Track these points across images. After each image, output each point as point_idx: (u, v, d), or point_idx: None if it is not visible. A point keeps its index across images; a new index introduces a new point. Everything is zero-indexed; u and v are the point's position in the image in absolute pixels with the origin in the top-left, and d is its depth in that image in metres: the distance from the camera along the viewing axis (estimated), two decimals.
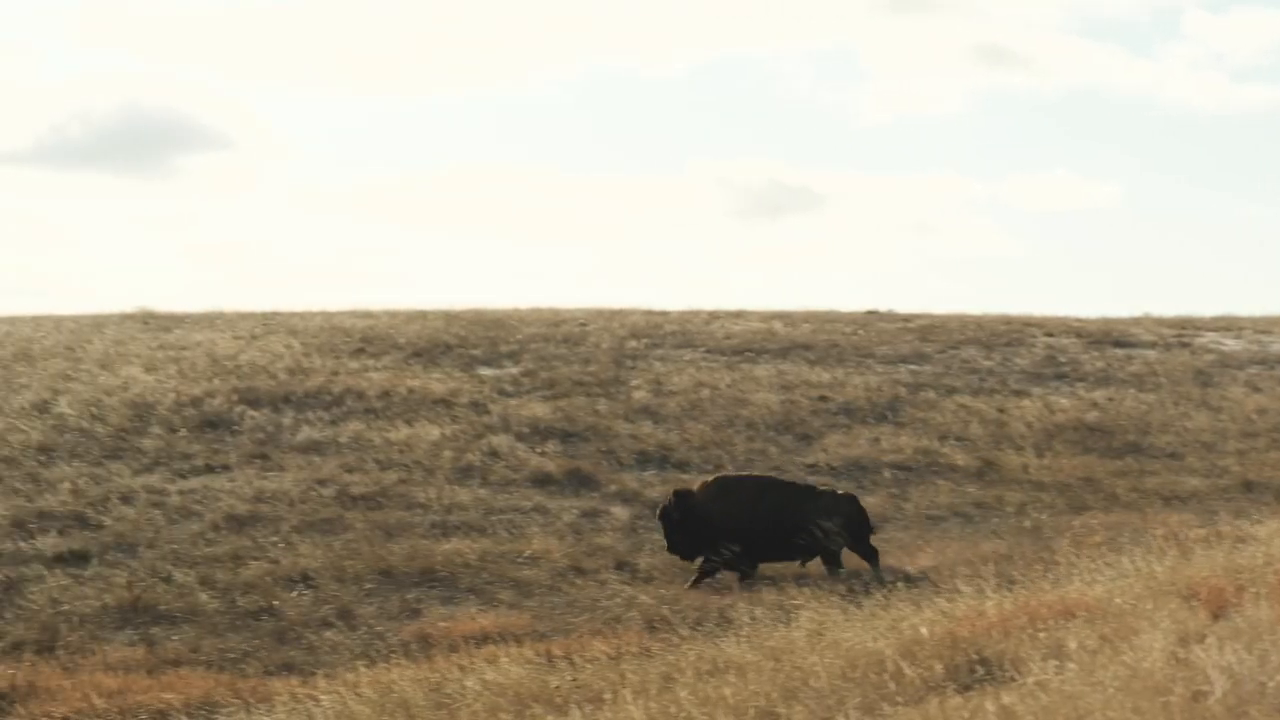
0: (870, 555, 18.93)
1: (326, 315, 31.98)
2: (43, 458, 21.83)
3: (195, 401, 24.63)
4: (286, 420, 24.09)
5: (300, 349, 28.13)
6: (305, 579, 18.19)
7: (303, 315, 31.98)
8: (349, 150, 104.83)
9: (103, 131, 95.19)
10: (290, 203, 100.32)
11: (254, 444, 23.09)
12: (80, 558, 18.31)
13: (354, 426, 24.07)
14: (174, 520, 19.91)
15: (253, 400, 24.95)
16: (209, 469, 22.03)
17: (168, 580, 17.75)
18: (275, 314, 32.16)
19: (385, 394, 25.59)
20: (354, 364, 27.45)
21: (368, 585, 18.25)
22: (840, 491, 19.99)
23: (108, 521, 19.57)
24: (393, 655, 15.69)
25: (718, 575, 18.96)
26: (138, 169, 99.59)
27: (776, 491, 19.62)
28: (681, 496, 19.29)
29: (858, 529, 19.03)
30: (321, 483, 21.61)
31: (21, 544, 18.51)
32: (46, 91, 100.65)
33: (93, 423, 23.41)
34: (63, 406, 23.98)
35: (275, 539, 19.44)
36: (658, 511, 19.68)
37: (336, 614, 17.30)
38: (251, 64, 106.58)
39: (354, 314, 32.12)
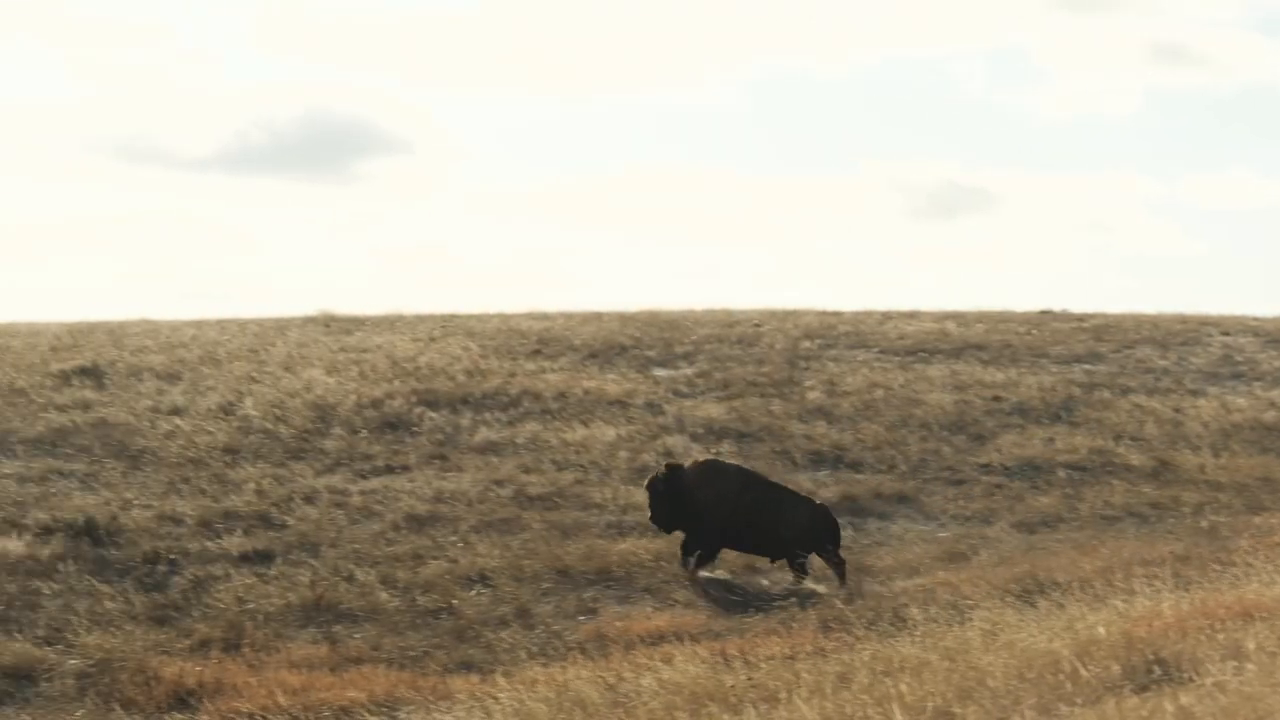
0: (837, 565, 19.24)
1: (503, 317, 32.31)
2: (228, 459, 22.26)
3: (375, 403, 25.02)
4: (465, 421, 24.40)
5: (478, 351, 28.48)
6: (483, 578, 18.43)
7: (480, 317, 32.33)
8: (526, 153, 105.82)
9: (285, 138, 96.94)
10: (468, 206, 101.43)
11: (433, 445, 23.41)
12: (265, 557, 18.65)
13: (531, 427, 24.33)
14: (355, 520, 20.24)
15: (432, 402, 25.31)
16: (389, 470, 22.37)
17: (349, 579, 18.04)
18: (453, 316, 32.53)
19: (561, 395, 25.84)
20: (530, 365, 27.73)
21: (545, 585, 18.45)
22: (817, 501, 20.19)
23: (291, 521, 19.94)
24: (569, 654, 15.85)
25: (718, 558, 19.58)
26: (319, 174, 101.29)
27: (757, 489, 19.92)
28: (673, 471, 19.78)
29: (825, 539, 19.37)
30: (499, 483, 21.88)
31: (208, 544, 18.89)
32: (230, 99, 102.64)
33: (276, 424, 23.84)
34: (247, 408, 24.43)
35: (454, 539, 19.72)
36: (646, 481, 20.06)
37: (514, 613, 17.51)
38: (430, 69, 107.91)
39: (530, 316, 32.42)
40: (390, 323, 31.90)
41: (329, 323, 31.77)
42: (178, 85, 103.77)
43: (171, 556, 18.40)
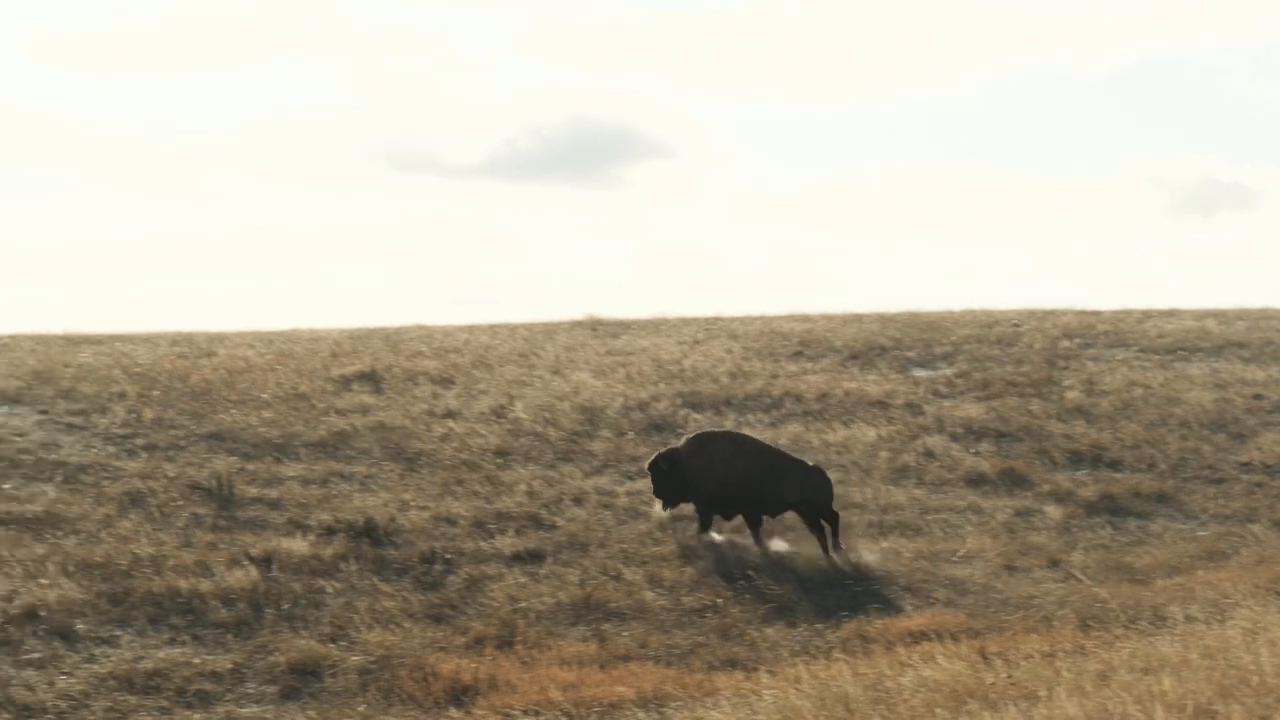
0: (833, 521, 20.22)
1: (765, 320, 32.53)
2: (500, 461, 22.86)
3: (642, 405, 25.47)
4: (728, 423, 24.71)
5: (740, 353, 28.79)
6: (746, 577, 18.78)
7: (743, 320, 32.58)
8: (786, 155, 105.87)
9: (552, 144, 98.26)
10: (730, 209, 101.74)
11: None
12: (535, 556, 19.19)
13: (793, 428, 24.62)
14: (622, 520, 20.72)
15: (696, 403, 25.71)
16: None
17: (617, 578, 18.50)
18: (717, 319, 32.82)
19: (823, 396, 26.08)
20: (792, 367, 27.98)
21: (807, 583, 18.76)
22: (810, 464, 21.02)
23: (560, 522, 20.48)
24: (831, 652, 16.12)
25: (714, 523, 20.50)
26: (586, 179, 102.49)
27: (749, 456, 20.82)
28: (671, 452, 20.97)
29: (820, 499, 20.31)
30: None
31: (482, 543, 19.48)
32: (499, 107, 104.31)
33: (546, 427, 24.39)
34: (518, 411, 25.00)
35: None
36: (649, 463, 21.11)
37: (777, 611, 17.84)
38: (693, 74, 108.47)
39: (792, 318, 32.59)
40: (655, 326, 32.27)
41: (596, 326, 32.23)
42: (449, 93, 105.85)
43: (447, 556, 19.01)
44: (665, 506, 20.82)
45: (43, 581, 16.97)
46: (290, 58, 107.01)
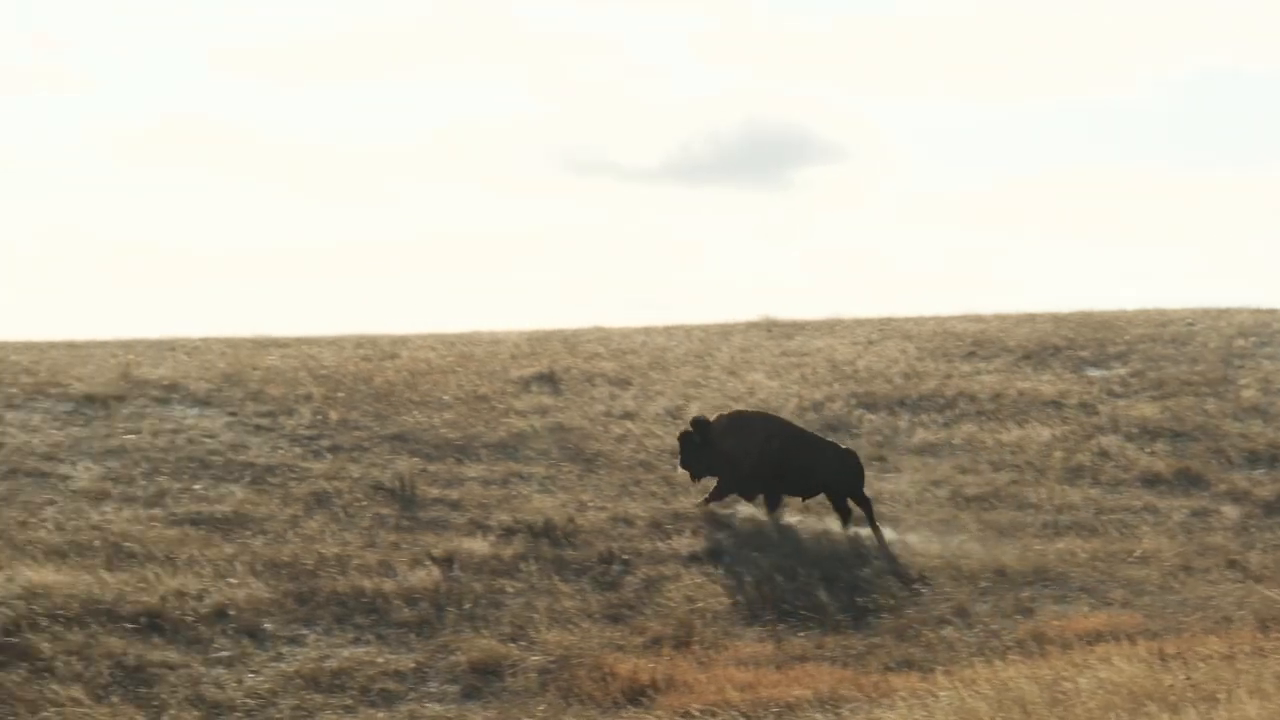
0: (866, 505, 20.84)
1: (938, 320, 32.33)
2: (677, 461, 22.98)
3: (816, 405, 25.49)
4: (902, 423, 24.73)
5: (914, 353, 28.69)
6: (922, 578, 18.82)
7: (916, 320, 32.41)
8: (958, 156, 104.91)
9: (726, 147, 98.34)
10: (903, 210, 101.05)
11: (872, 446, 23.79)
12: (712, 557, 19.35)
13: (967, 429, 24.55)
14: (796, 520, 20.79)
15: (870, 404, 25.70)
16: None
17: (793, 579, 18.61)
18: (890, 320, 32.68)
19: (996, 396, 25.96)
20: (966, 367, 27.85)
21: (982, 584, 18.76)
22: (843, 446, 21.79)
23: (736, 522, 20.61)
24: (1007, 652, 16.13)
25: (724, 499, 21.12)
26: (760, 182, 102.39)
27: (783, 439, 21.47)
28: (702, 423, 21.59)
29: (852, 481, 21.03)
30: (936, 483, 22.22)
31: (659, 544, 19.65)
32: (674, 111, 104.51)
33: None
34: (694, 412, 25.02)
35: (893, 538, 20.16)
36: (679, 434, 21.77)
37: (953, 612, 17.86)
38: (866, 76, 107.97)
39: (964, 318, 32.36)
40: (829, 326, 32.19)
41: (771, 327, 32.21)
42: (626, 98, 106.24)
43: (624, 556, 19.20)
44: (694, 478, 21.42)
45: (231, 581, 17.42)
46: (468, 64, 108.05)
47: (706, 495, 21.23)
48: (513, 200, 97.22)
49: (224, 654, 15.94)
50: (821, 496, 21.28)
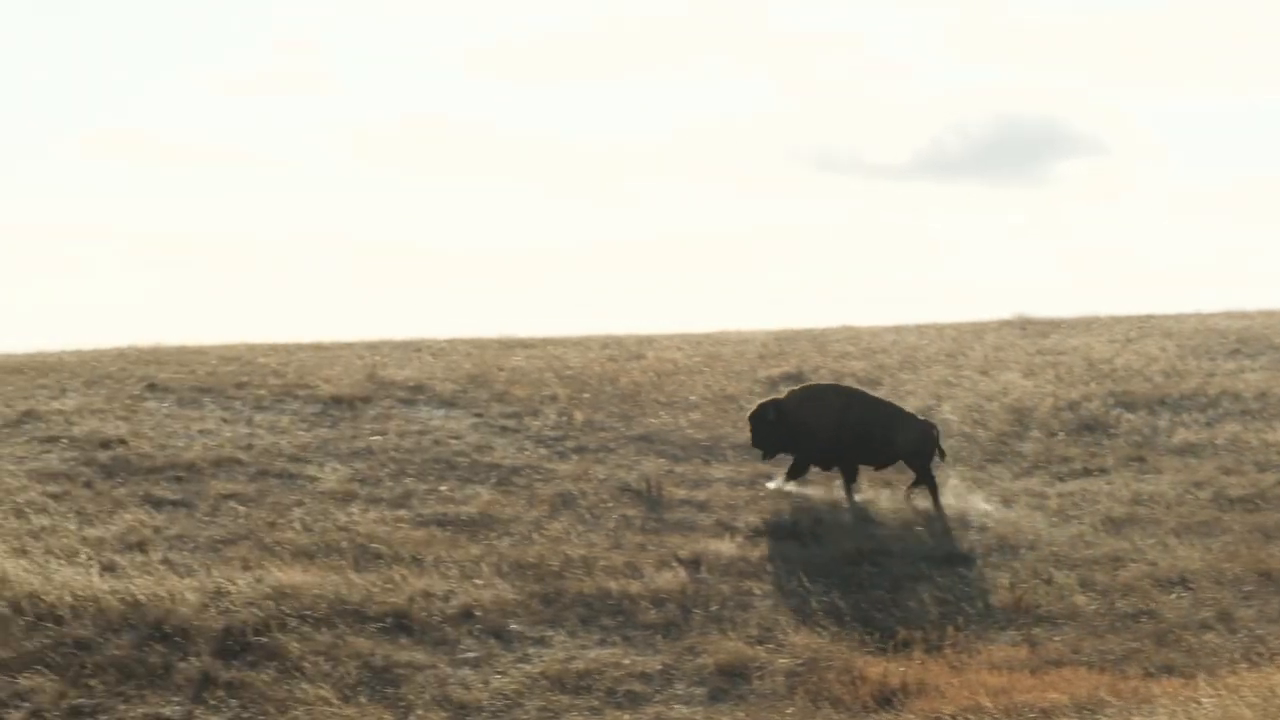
0: (929, 479, 21.01)
1: (1200, 317, 31.49)
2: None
3: (1072, 405, 24.91)
4: (1162, 423, 24.03)
5: (1175, 351, 27.92)
6: (1183, 581, 18.18)
7: (1176, 318, 31.61)
8: (1221, 149, 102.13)
9: (978, 142, 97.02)
10: (1163, 205, 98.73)
11: (1130, 447, 23.17)
12: (964, 559, 18.92)
13: (1230, 428, 23.75)
14: (1053, 523, 20.26)
15: (1128, 403, 25.03)
16: (1086, 472, 22.28)
17: (1048, 582, 18.11)
18: (1149, 317, 31.91)
19: (1262, 395, 25.10)
20: (1229, 365, 27.00)
21: (1246, 588, 18.06)
22: (921, 417, 21.91)
23: (990, 524, 20.15)
24: (1275, 658, 15.50)
25: (803, 476, 21.42)
26: (1013, 177, 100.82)
27: (861, 406, 21.63)
28: (776, 402, 21.69)
29: (931, 451, 21.17)
30: (1198, 485, 21.48)
31: (909, 545, 19.30)
32: (924, 107, 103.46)
33: (974, 427, 24.07)
34: (945, 412, 24.71)
35: (1152, 541, 19.50)
36: (751, 413, 21.80)
37: (1215, 617, 17.22)
38: (1123, 67, 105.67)
39: (1228, 315, 31.46)
40: (1086, 325, 31.57)
41: (1025, 325, 31.70)
42: (874, 94, 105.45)
43: (874, 558, 18.89)
44: (765, 457, 21.63)
45: (478, 582, 17.42)
46: (714, 62, 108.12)
47: (791, 480, 21.43)
48: (760, 198, 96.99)
49: (470, 655, 15.91)
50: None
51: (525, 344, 29.27)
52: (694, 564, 18.35)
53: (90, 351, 27.64)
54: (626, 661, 15.86)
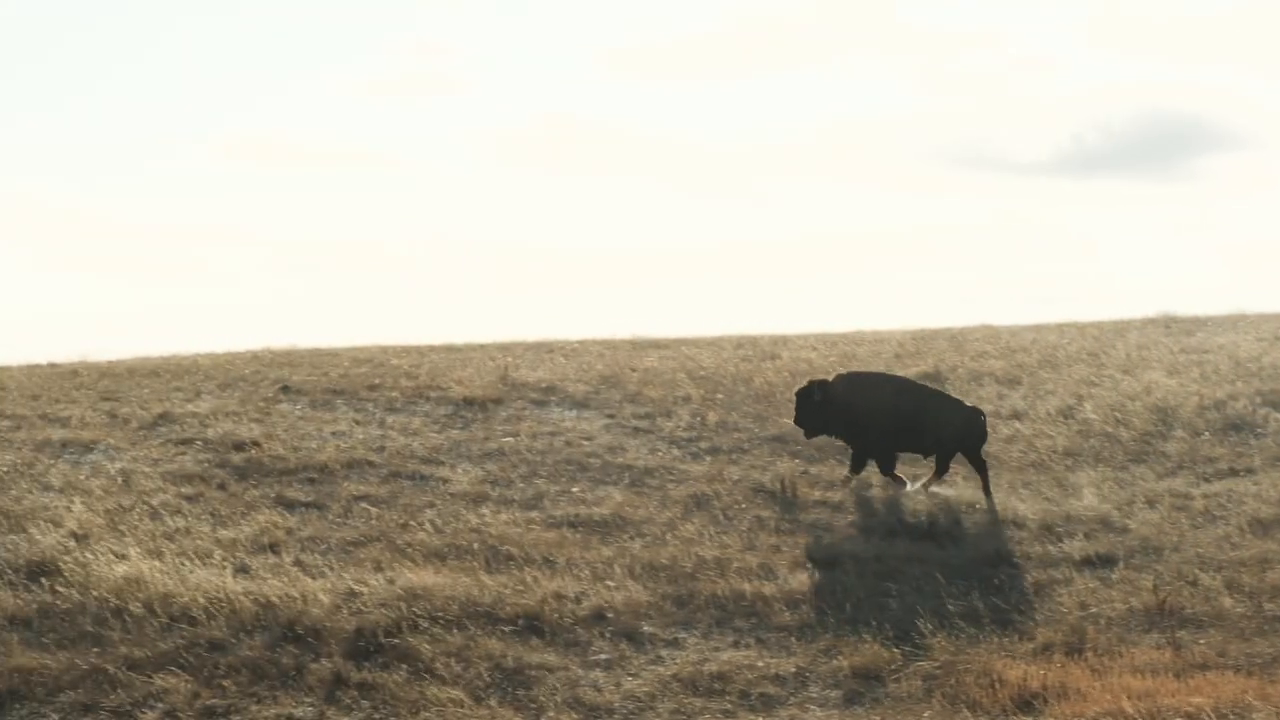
0: (981, 467, 21.29)
1: None
2: (1068, 462, 22.28)
3: (1218, 405, 24.42)
4: None
5: None
6: None
7: None
8: None
9: (1122, 138, 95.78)
10: None
11: (1278, 446, 22.65)
12: (1106, 561, 18.51)
13: None
14: (1197, 524, 19.80)
15: (1276, 402, 24.52)
16: (1232, 472, 21.79)
17: (1193, 584, 17.66)
18: None
19: None
20: None
21: None
22: (968, 404, 22.04)
23: (1132, 525, 19.71)
24: None
25: (864, 468, 21.56)
26: (1158, 173, 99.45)
27: (912, 395, 21.70)
28: (823, 383, 21.81)
29: (977, 439, 21.33)
30: None
31: (1049, 547, 18.92)
32: (1066, 102, 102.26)
33: (1116, 427, 23.66)
34: (1087, 411, 24.35)
35: None
36: (798, 390, 21.96)
37: None
38: (1271, 60, 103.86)
39: None
40: (1232, 322, 31.07)
41: (1169, 324, 31.25)
42: (1014, 91, 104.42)
43: (1014, 560, 18.55)
44: (808, 435, 22.01)
45: (609, 583, 17.28)
46: (852, 59, 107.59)
47: (854, 472, 21.59)
48: (897, 197, 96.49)
49: (602, 657, 15.76)
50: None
51: (658, 344, 29.18)
52: (829, 565, 18.11)
53: (225, 354, 27.88)
54: (760, 664, 15.64)
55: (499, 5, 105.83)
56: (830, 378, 22.23)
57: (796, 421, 21.87)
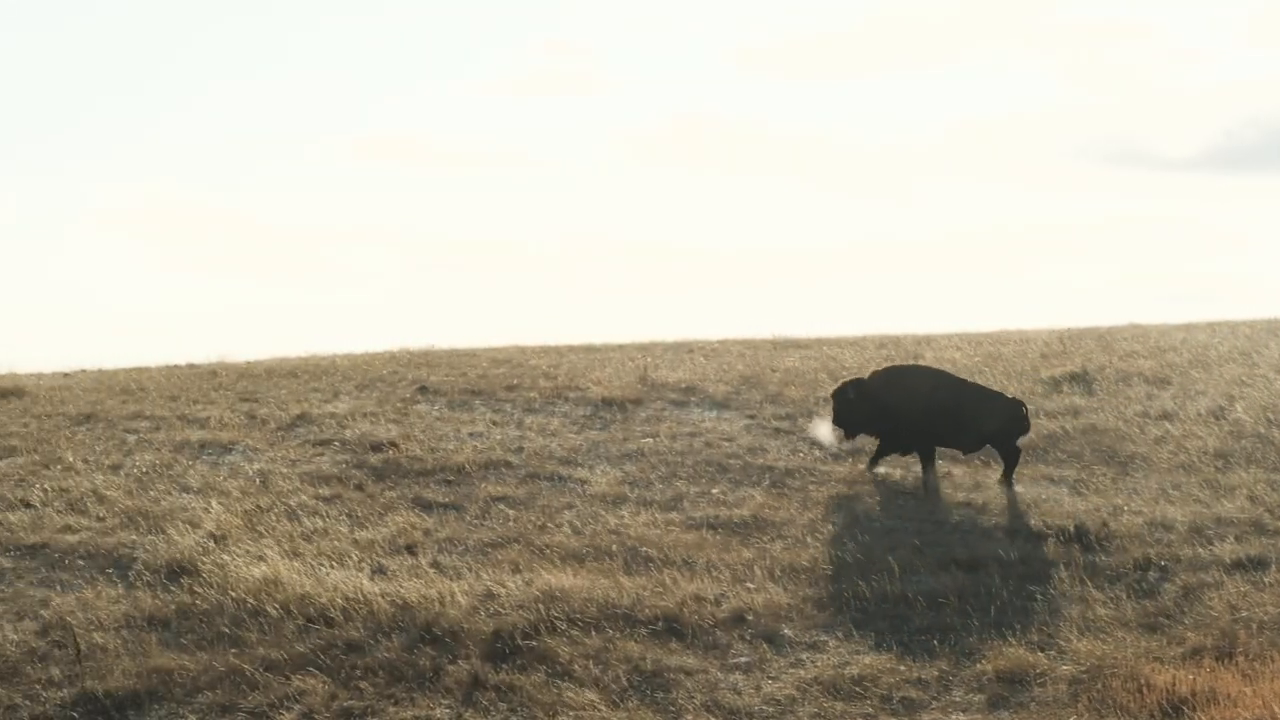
0: (1011, 455, 21.21)
1: None
2: (1219, 464, 21.82)
3: None
4: None
5: None
6: None
7: None
8: None
9: (1273, 133, 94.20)
10: None
11: None
12: (1258, 564, 18.03)
13: None
14: None
15: None
16: None
17: None
18: None
19: None
20: None
21: None
22: (1009, 395, 21.91)
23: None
24: None
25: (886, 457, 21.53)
26: None
27: (948, 388, 21.44)
28: (858, 382, 21.77)
29: (1014, 431, 21.21)
30: None
31: (1200, 550, 18.49)
32: (1215, 96, 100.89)
33: (1269, 428, 23.21)
34: (1238, 412, 23.91)
35: None
36: (832, 390, 22.02)
37: None
38: None
39: None
40: None
41: None
42: (1163, 86, 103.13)
43: (1162, 563, 18.14)
44: (848, 436, 21.84)
45: (749, 585, 17.10)
46: (997, 54, 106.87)
47: (878, 464, 21.59)
48: (1043, 194, 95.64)
49: (742, 659, 15.56)
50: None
51: (799, 344, 29.01)
52: (972, 567, 17.81)
53: (363, 355, 28.04)
54: (902, 667, 15.37)
55: (635, 4, 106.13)
56: (865, 375, 22.27)
57: (834, 422, 21.86)
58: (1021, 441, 21.48)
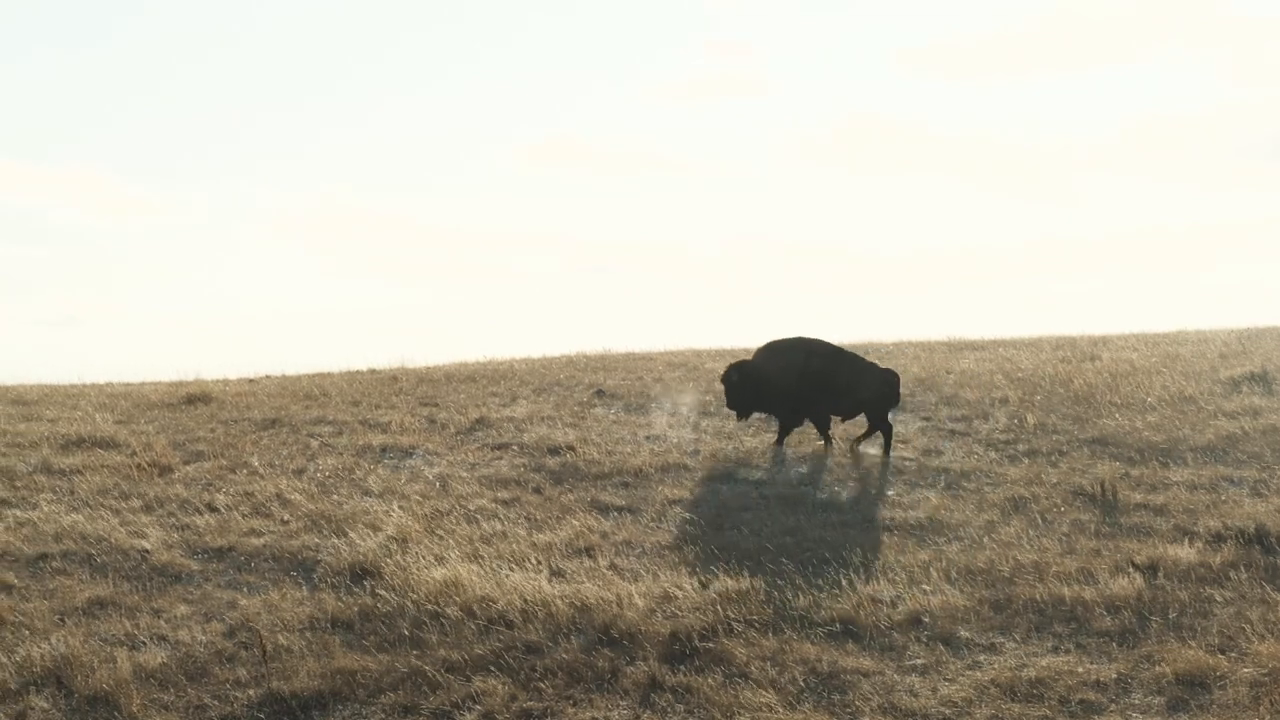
0: (884, 427, 21.99)
1: None
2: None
3: None
4: None
5: None
6: None
7: None
8: None
9: None
10: None
11: None
12: None
13: None
14: None
15: None
16: None
17: None
18: None
19: None
20: None
21: None
22: (882, 366, 22.42)
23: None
24: None
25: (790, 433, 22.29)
26: None
27: (823, 356, 21.92)
28: (740, 364, 22.27)
29: (891, 401, 22.02)
30: None
31: None
32: None
33: None
34: None
35: None
36: (721, 375, 22.55)
37: None
38: None
39: None
40: None
41: None
42: None
43: None
44: (740, 417, 22.40)
45: (925, 587, 17.09)
46: (1169, 52, 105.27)
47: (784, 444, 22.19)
48: (1217, 192, 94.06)
49: (918, 661, 15.56)
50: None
51: (974, 346, 28.88)
52: (1151, 570, 17.65)
53: (540, 359, 28.32)
54: (1080, 669, 15.29)
55: (797, 5, 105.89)
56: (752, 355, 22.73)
57: (727, 405, 22.39)
58: (913, 420, 22.66)
